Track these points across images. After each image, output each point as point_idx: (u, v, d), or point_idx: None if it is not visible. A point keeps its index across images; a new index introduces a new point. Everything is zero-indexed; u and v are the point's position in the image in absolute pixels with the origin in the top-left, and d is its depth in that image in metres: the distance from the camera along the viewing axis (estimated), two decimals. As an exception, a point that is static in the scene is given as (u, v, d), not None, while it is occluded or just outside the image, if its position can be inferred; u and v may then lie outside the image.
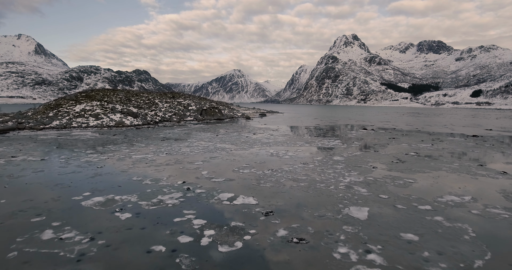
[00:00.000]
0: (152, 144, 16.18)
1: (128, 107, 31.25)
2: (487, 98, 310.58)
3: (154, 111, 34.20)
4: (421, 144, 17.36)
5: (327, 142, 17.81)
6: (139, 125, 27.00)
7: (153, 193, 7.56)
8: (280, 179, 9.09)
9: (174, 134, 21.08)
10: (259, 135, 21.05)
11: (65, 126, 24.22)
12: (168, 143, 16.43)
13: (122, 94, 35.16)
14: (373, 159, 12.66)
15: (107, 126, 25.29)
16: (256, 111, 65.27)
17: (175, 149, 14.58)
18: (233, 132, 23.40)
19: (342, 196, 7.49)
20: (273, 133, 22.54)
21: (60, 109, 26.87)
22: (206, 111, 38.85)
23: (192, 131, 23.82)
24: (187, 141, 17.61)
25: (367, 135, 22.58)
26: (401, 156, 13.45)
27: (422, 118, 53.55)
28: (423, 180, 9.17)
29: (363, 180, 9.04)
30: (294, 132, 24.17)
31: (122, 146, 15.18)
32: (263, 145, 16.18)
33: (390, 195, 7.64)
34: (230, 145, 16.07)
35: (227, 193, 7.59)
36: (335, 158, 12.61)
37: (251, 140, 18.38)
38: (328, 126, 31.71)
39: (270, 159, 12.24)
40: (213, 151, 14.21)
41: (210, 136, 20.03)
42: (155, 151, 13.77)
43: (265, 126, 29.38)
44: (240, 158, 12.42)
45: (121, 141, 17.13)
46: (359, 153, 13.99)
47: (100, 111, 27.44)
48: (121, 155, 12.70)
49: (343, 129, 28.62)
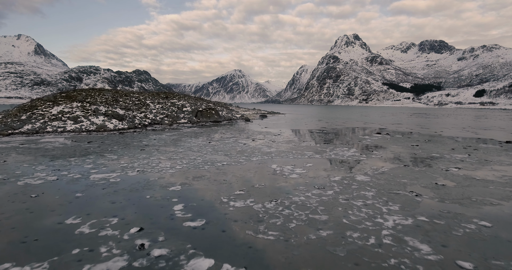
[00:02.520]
0: (127, 155, 13.16)
1: (114, 108, 28.23)
2: (490, 98, 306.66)
3: (144, 113, 31.18)
4: (456, 155, 14.28)
5: (341, 152, 14.75)
6: (124, 129, 23.97)
7: (81, 256, 4.53)
8: (289, 221, 6.05)
9: (160, 141, 18.06)
10: (258, 142, 18.01)
11: (38, 131, 21.21)
12: (147, 154, 13.41)
13: (109, 94, 32.13)
14: (409, 178, 9.60)
15: (86, 131, 22.27)
16: (256, 112, 62.23)
17: (152, 163, 11.56)
18: (229, 137, 20.37)
19: (396, 264, 4.45)
20: (275, 139, 19.51)
21: (35, 111, 23.86)
22: (201, 112, 35.80)
23: (183, 136, 20.79)
24: (171, 150, 14.58)
25: (384, 141, 19.52)
26: (441, 173, 10.39)
27: (434, 120, 50.40)
28: (503, 223, 6.10)
29: (414, 223, 6.00)
30: (299, 138, 21.11)
31: (88, 159, 12.16)
32: (264, 157, 13.15)
33: (472, 258, 4.59)
34: (223, 157, 13.04)
35: (205, 259, 4.55)
36: (359, 178, 9.56)
37: (249, 148, 15.35)
38: (336, 129, 28.63)
39: (273, 181, 9.19)
40: (200, 166, 11.18)
41: (201, 144, 17.01)
42: (125, 167, 10.74)
43: (265, 130, 26.34)
44: (234, 178, 9.39)
45: (91, 151, 14.11)
46: (387, 169, 10.93)
47: (81, 113, 24.42)
48: (77, 174, 9.68)
49: (353, 133, 25.53)
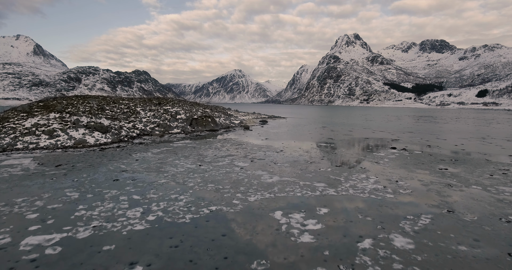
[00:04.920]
0: (92, 191, 10.44)
1: (99, 118, 25.51)
2: (493, 98, 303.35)
3: (132, 122, 28.45)
4: (501, 186, 11.56)
5: (359, 183, 12.00)
6: (107, 144, 21.23)
7: None
8: None
9: (143, 163, 15.34)
10: (258, 164, 15.29)
11: (6, 149, 18.48)
12: (119, 189, 10.68)
13: (94, 102, 29.40)
14: (466, 244, 6.86)
15: (62, 147, 19.54)
16: (256, 116, 59.48)
17: (119, 209, 8.82)
18: (224, 156, 17.65)
19: None
20: (277, 159, 16.80)
21: (5, 124, 21.15)
22: (197, 120, 33.07)
23: (171, 154, 18.07)
24: (151, 181, 11.86)
25: (404, 161, 16.78)
26: (501, 226, 7.65)
27: (444, 126, 47.58)
28: None
29: None
30: (305, 157, 18.34)
31: (38, 202, 9.42)
32: (264, 193, 10.45)
33: None
34: (213, 194, 10.33)
35: None
36: (398, 244, 6.80)
37: (246, 177, 12.63)
38: (344, 141, 25.86)
39: (279, 253, 6.45)
40: (180, 215, 8.45)
41: (190, 168, 14.28)
42: (79, 218, 8.00)
43: (266, 143, 23.63)
44: (221, 249, 6.64)
45: (49, 185, 11.36)
46: (428, 221, 8.18)
47: (58, 126, 21.69)
48: (5, 236, 6.97)
49: (365, 148, 22.76)
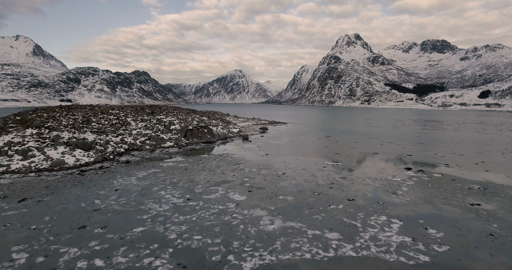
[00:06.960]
0: (38, 256, 8.20)
1: (83, 133, 23.25)
2: (496, 99, 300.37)
3: (121, 135, 26.17)
4: (558, 239, 9.30)
5: (380, 234, 9.74)
6: (88, 165, 18.98)
7: None
8: None
9: (122, 196, 13.08)
10: (256, 197, 13.04)
11: (-30, 173, 16.26)
12: (79, 248, 8.44)
13: (80, 113, 27.14)
14: None
15: (36, 170, 17.30)
16: (256, 122, 57.18)
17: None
18: (219, 182, 15.41)
19: None
20: (279, 188, 14.55)
21: (-26, 142, 18.92)
22: (192, 131, 30.81)
23: (157, 180, 15.80)
24: (122, 230, 9.60)
25: (425, 190, 14.50)
26: None
27: (455, 135, 45.14)
28: None
29: None
30: (311, 186, 16.04)
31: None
32: (263, 254, 8.23)
33: None
34: (197, 258, 8.08)
35: None
36: None
37: (241, 222, 10.38)
38: (352, 158, 23.55)
39: None
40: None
41: (176, 204, 12.04)
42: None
43: (266, 160, 21.38)
44: None
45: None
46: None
47: (34, 144, 19.46)
48: None
49: (376, 167, 20.45)
